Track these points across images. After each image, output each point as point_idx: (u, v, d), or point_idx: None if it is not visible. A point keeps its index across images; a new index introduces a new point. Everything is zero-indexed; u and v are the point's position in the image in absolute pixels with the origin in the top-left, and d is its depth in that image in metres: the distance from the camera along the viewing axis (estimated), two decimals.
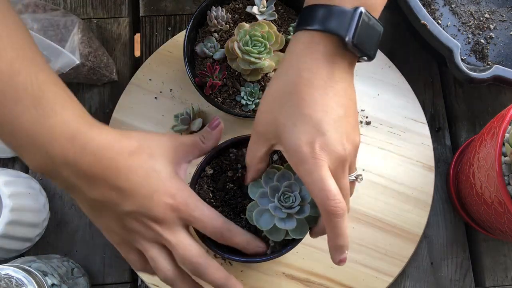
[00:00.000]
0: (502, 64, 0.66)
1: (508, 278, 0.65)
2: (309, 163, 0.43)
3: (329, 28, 0.44)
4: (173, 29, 0.73)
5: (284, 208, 0.49)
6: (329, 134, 0.43)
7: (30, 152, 0.42)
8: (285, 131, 0.45)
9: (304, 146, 0.43)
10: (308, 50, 0.45)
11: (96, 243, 0.64)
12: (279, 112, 0.45)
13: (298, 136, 0.44)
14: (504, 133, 0.50)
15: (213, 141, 0.52)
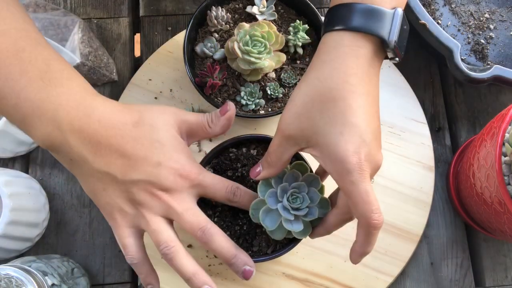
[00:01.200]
0: (502, 64, 0.66)
1: (508, 278, 0.65)
2: (355, 174, 0.42)
3: (373, 30, 0.43)
4: (173, 29, 0.73)
5: (292, 209, 0.49)
6: (372, 144, 0.43)
7: (36, 122, 0.43)
8: (329, 139, 0.43)
9: (351, 157, 0.42)
10: (353, 53, 0.43)
11: (96, 243, 0.64)
12: (319, 118, 0.43)
13: (346, 146, 0.42)
14: (504, 133, 0.50)
15: (219, 128, 0.50)
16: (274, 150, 0.47)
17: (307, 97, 0.44)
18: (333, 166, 0.43)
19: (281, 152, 0.47)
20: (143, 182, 0.44)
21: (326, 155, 0.43)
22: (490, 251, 0.66)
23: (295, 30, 0.62)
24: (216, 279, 0.61)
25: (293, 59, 0.63)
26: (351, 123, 0.42)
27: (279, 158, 0.47)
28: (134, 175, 0.44)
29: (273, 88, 0.61)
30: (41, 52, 0.44)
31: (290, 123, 0.45)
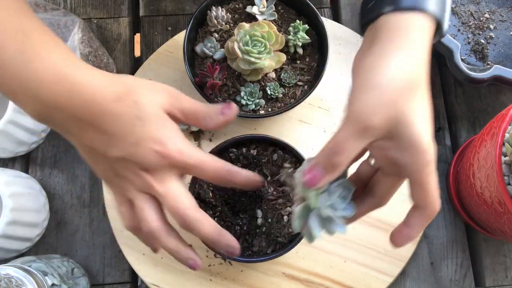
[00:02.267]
0: (502, 64, 0.66)
1: (508, 278, 0.65)
2: (432, 164, 0.41)
3: (436, 13, 0.42)
4: (173, 29, 0.73)
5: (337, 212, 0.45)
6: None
7: (22, 99, 0.42)
8: (414, 129, 0.40)
9: (431, 148, 0.41)
10: (425, 37, 0.42)
11: (96, 243, 0.64)
12: (406, 107, 0.40)
13: (428, 137, 0.41)
14: (504, 133, 0.50)
15: (214, 125, 0.47)
16: (346, 147, 0.40)
17: (393, 85, 0.40)
18: (413, 157, 0.41)
19: (354, 148, 0.41)
20: (123, 159, 0.43)
21: (407, 146, 0.41)
22: (490, 251, 0.66)
23: (295, 30, 0.62)
24: (216, 279, 0.61)
25: (293, 59, 0.63)
26: (428, 111, 0.41)
27: (349, 157, 0.41)
28: (114, 152, 0.43)
29: (273, 88, 0.61)
30: (21, 21, 0.42)
31: (373, 113, 0.40)
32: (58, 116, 0.42)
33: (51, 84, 0.42)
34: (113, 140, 0.43)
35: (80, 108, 0.42)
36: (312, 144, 0.66)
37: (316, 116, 0.67)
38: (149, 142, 0.43)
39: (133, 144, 0.43)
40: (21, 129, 0.62)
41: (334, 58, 0.68)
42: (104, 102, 0.42)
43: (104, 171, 0.45)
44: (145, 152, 0.43)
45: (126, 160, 0.43)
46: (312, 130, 0.66)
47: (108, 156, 0.43)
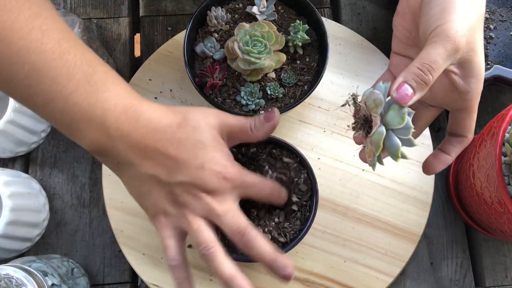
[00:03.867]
0: (502, 64, 0.66)
1: (508, 278, 0.65)
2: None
3: None
4: (173, 29, 0.73)
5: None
6: None
7: (84, 127, 0.43)
8: (481, 59, 0.44)
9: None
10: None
11: (96, 243, 0.64)
12: (478, 36, 0.44)
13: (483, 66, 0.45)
14: (504, 133, 0.50)
15: (263, 134, 0.51)
16: (438, 65, 0.42)
17: (474, 10, 0.43)
18: (474, 84, 0.45)
19: (443, 67, 0.42)
20: (187, 183, 0.45)
21: (472, 74, 0.44)
22: (490, 251, 0.66)
23: (295, 30, 0.62)
24: (216, 278, 0.61)
25: (293, 59, 0.63)
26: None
27: (437, 76, 0.42)
28: (178, 177, 0.45)
29: (273, 88, 0.61)
30: (84, 54, 0.44)
31: (462, 35, 0.42)
32: (120, 145, 0.44)
33: (119, 113, 0.43)
34: (178, 165, 0.45)
35: (146, 136, 0.44)
36: (312, 144, 0.66)
37: (316, 116, 0.67)
38: (212, 165, 0.46)
39: (199, 167, 0.45)
40: (21, 129, 0.62)
41: (334, 58, 0.68)
42: (170, 129, 0.45)
43: (157, 200, 0.46)
44: (210, 175, 0.45)
45: (188, 184, 0.45)
46: (312, 130, 0.66)
47: (171, 181, 0.45)
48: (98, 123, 0.43)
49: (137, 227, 0.62)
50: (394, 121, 0.42)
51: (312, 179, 0.56)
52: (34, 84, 0.41)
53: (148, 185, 0.46)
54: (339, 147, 0.66)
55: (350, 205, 0.64)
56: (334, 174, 0.65)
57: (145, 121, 0.44)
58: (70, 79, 0.42)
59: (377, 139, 0.42)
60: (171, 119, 0.46)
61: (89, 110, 0.42)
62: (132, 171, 0.46)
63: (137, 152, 0.44)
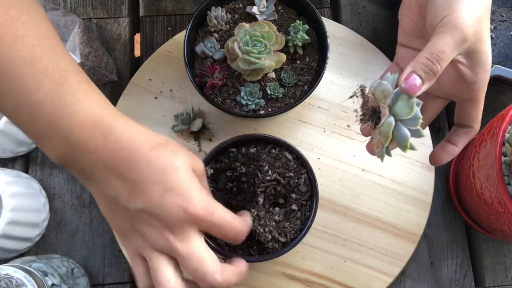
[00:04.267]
0: (502, 64, 0.66)
1: (508, 278, 0.65)
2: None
3: None
4: (173, 29, 0.73)
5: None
6: None
7: (49, 140, 0.41)
8: (489, 49, 0.44)
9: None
10: None
11: (96, 243, 0.64)
12: (485, 26, 0.44)
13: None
14: (504, 133, 0.50)
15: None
16: (447, 55, 0.42)
17: (481, 4, 0.43)
18: (481, 75, 0.45)
19: (451, 57, 0.42)
20: (146, 213, 0.42)
21: (479, 64, 0.45)
22: (490, 251, 0.66)
23: (295, 30, 0.62)
24: None
25: (293, 59, 0.63)
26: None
27: (445, 66, 0.42)
28: (137, 203, 0.41)
29: (273, 88, 0.61)
30: (58, 62, 0.41)
31: (471, 25, 0.42)
32: (83, 161, 0.41)
33: (86, 128, 0.41)
34: (139, 190, 0.41)
35: (113, 153, 0.41)
36: (312, 144, 0.66)
37: (316, 116, 0.67)
38: (175, 195, 0.41)
39: (160, 194, 0.41)
40: None
41: (334, 58, 0.69)
42: (140, 149, 0.42)
43: (120, 223, 0.44)
44: (171, 205, 0.41)
45: (148, 214, 0.42)
46: (312, 130, 0.66)
47: (130, 207, 0.42)
48: (64, 136, 0.40)
49: None
50: (403, 112, 0.42)
51: (312, 179, 0.56)
52: (2, 91, 0.40)
53: (111, 206, 0.43)
54: (339, 147, 0.66)
55: (350, 205, 0.64)
56: (334, 174, 0.65)
57: (115, 137, 0.41)
58: (38, 89, 0.40)
59: (386, 129, 0.42)
60: (149, 139, 0.42)
61: (55, 123, 0.40)
62: (96, 188, 0.43)
63: (101, 170, 0.41)
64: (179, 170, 0.42)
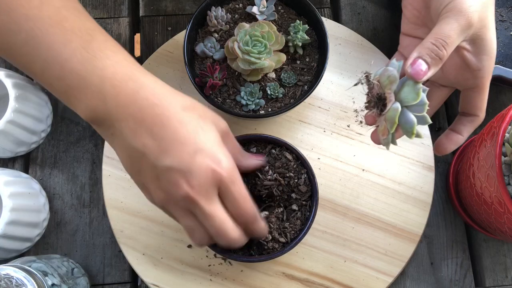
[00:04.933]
0: (502, 64, 0.66)
1: (508, 278, 0.65)
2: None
3: None
4: (173, 29, 0.73)
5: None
6: None
7: (80, 96, 0.41)
8: (492, 35, 0.44)
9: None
10: None
11: (96, 243, 0.64)
12: (490, 13, 0.44)
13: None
14: (504, 133, 0.50)
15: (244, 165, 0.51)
16: (452, 40, 0.42)
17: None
18: (486, 62, 0.45)
19: (457, 42, 0.43)
20: (174, 170, 0.42)
21: (485, 51, 0.45)
22: (490, 251, 0.66)
23: (295, 30, 0.62)
24: (216, 279, 0.61)
25: (293, 59, 0.63)
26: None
27: (450, 51, 0.43)
28: (166, 160, 0.42)
29: (273, 88, 0.61)
30: (83, 22, 0.42)
31: (476, 11, 0.43)
32: (114, 115, 0.42)
33: (118, 82, 0.41)
34: (170, 148, 0.42)
35: (145, 110, 0.42)
36: (312, 144, 0.66)
37: (316, 116, 0.67)
38: (205, 156, 0.43)
39: (190, 154, 0.42)
40: (21, 129, 0.62)
41: (334, 58, 0.69)
42: (172, 108, 0.43)
43: (145, 178, 0.44)
44: (200, 165, 0.42)
45: (176, 171, 0.42)
46: (312, 130, 0.66)
47: (158, 164, 0.42)
48: (95, 91, 0.41)
49: (137, 227, 0.62)
50: (409, 97, 0.41)
51: (312, 179, 0.56)
52: (31, 51, 0.41)
53: (138, 163, 0.43)
54: (339, 147, 0.66)
55: (350, 205, 0.64)
56: (334, 174, 0.65)
57: (146, 94, 0.42)
58: (66, 45, 0.41)
59: (392, 115, 0.42)
60: (178, 99, 0.44)
61: (86, 77, 0.41)
62: (125, 144, 0.43)
63: (132, 126, 0.42)
64: (209, 134, 0.44)
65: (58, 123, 0.68)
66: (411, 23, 0.51)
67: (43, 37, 0.40)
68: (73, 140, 0.68)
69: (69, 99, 0.43)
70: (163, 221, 0.62)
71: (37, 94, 0.65)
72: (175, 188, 0.43)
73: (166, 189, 0.43)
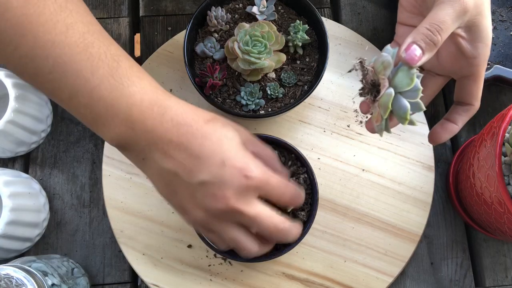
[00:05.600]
0: (502, 64, 0.66)
1: (508, 278, 0.65)
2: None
3: None
4: (173, 29, 0.73)
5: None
6: None
7: (108, 122, 0.42)
8: (489, 23, 0.45)
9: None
10: None
11: (96, 243, 0.64)
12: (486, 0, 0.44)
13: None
14: (504, 133, 0.50)
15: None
16: (447, 26, 0.42)
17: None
18: (481, 49, 0.45)
19: (452, 28, 0.43)
20: (207, 184, 0.43)
21: (480, 38, 0.45)
22: (490, 251, 0.66)
23: (295, 30, 0.62)
24: (216, 279, 0.61)
25: (293, 59, 0.63)
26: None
27: (445, 37, 0.43)
28: (199, 176, 0.43)
29: (273, 88, 0.61)
30: (108, 47, 0.43)
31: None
32: (143, 141, 0.43)
33: (145, 108, 0.42)
34: (199, 162, 0.43)
35: (171, 130, 0.43)
36: (312, 144, 0.66)
37: (316, 116, 0.67)
38: (235, 161, 0.43)
39: (219, 166, 0.43)
40: (21, 129, 0.62)
41: (334, 58, 0.69)
42: (196, 124, 0.44)
43: (181, 199, 0.45)
44: (231, 174, 0.43)
45: (210, 185, 0.43)
46: (312, 130, 0.66)
47: (192, 181, 0.43)
48: (123, 118, 0.42)
49: (137, 227, 0.62)
50: (402, 83, 0.41)
51: (312, 179, 0.56)
52: (59, 78, 0.41)
53: (172, 184, 0.44)
54: (339, 147, 0.66)
55: (350, 205, 0.64)
56: (334, 174, 0.65)
57: (171, 115, 0.43)
58: (94, 73, 0.41)
59: (385, 100, 0.42)
60: (199, 114, 0.45)
61: (114, 105, 0.42)
62: (156, 168, 0.44)
63: (161, 148, 0.43)
64: (232, 141, 0.45)
65: (58, 123, 0.68)
66: (407, 12, 0.51)
67: (70, 64, 0.41)
68: (73, 140, 0.68)
69: (97, 126, 0.43)
70: (163, 221, 0.63)
71: (37, 94, 0.65)
72: (213, 202, 0.43)
73: (204, 205, 0.44)
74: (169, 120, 0.43)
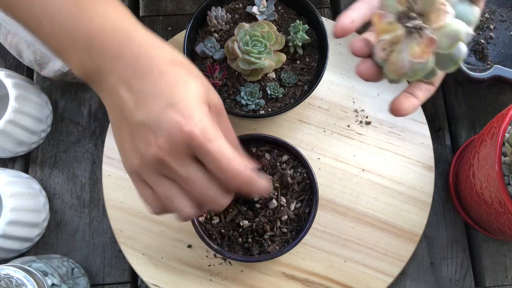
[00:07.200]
0: (502, 64, 0.66)
1: (508, 278, 0.65)
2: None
3: None
4: (173, 29, 0.73)
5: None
6: None
7: (69, 51, 0.41)
8: None
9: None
10: None
11: (96, 243, 0.64)
12: None
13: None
14: (504, 133, 0.50)
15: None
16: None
17: None
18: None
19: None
20: (145, 126, 0.39)
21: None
22: (490, 251, 0.66)
23: (295, 30, 0.62)
24: (216, 279, 0.61)
25: (293, 59, 0.63)
26: None
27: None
28: (138, 115, 0.39)
29: (273, 88, 0.61)
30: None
31: None
32: (102, 71, 0.40)
33: (105, 36, 0.40)
34: (143, 101, 0.39)
35: (130, 62, 0.40)
36: (312, 144, 0.66)
37: (316, 116, 0.67)
38: (177, 110, 0.38)
39: (163, 107, 0.38)
40: (21, 129, 0.62)
41: (334, 58, 0.69)
42: (158, 60, 0.40)
43: (122, 139, 0.41)
44: (168, 121, 0.38)
45: (146, 128, 0.39)
46: (312, 130, 0.66)
47: (132, 119, 0.39)
48: (82, 46, 0.40)
49: (137, 227, 0.62)
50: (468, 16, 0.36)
51: (312, 179, 0.56)
52: (27, 7, 0.41)
53: (118, 119, 0.41)
54: (339, 147, 0.66)
55: (350, 205, 0.64)
56: (334, 174, 0.65)
57: (133, 46, 0.40)
58: (56, 0, 0.40)
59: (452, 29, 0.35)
60: (167, 53, 0.41)
61: (73, 33, 0.40)
62: (108, 102, 0.41)
63: (114, 79, 0.40)
64: (190, 90, 0.39)
65: (58, 123, 0.68)
66: None
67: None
68: (73, 140, 0.68)
69: (61, 55, 0.42)
70: (163, 221, 0.63)
71: (37, 94, 0.65)
72: (146, 147, 0.39)
73: (139, 150, 0.39)
74: (130, 51, 0.40)
